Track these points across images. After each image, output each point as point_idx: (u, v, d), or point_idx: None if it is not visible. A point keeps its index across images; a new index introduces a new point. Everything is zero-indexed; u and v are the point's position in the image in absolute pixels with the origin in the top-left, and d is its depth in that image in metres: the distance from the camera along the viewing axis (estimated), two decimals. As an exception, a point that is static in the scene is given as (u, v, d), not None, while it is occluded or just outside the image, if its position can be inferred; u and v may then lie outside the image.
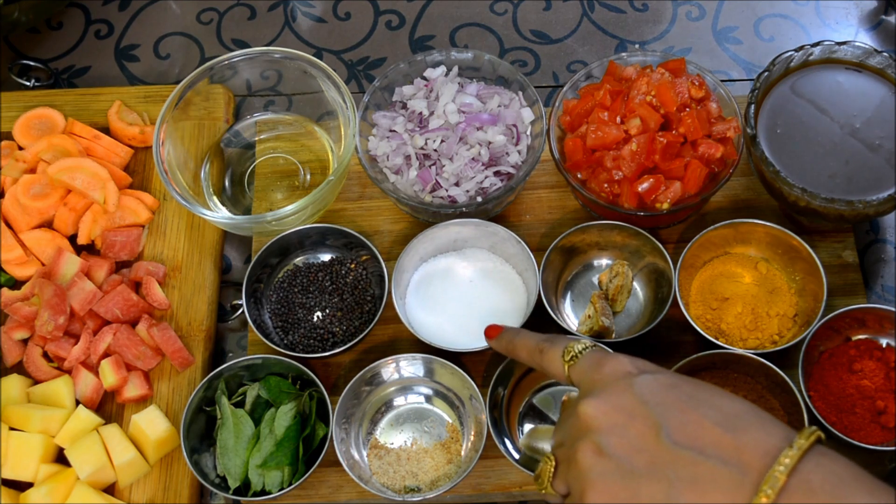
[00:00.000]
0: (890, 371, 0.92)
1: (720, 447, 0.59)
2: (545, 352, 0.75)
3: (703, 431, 0.60)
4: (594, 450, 0.63)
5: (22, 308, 1.00)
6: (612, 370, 0.67)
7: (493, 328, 0.85)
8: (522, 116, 1.03)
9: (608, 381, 0.67)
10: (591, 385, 0.68)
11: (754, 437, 0.59)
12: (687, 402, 0.63)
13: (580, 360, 0.71)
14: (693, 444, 0.60)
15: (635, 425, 0.63)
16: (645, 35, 1.21)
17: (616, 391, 0.65)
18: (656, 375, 0.66)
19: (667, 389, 0.64)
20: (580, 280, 1.03)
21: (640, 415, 0.63)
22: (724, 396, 0.64)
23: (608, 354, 0.69)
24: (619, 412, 0.64)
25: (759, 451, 0.59)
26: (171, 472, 0.96)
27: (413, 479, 0.93)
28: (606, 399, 0.65)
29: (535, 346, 0.77)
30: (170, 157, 1.03)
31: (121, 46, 1.24)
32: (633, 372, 0.66)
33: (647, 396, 0.64)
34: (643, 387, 0.64)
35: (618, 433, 0.63)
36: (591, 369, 0.69)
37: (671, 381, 0.65)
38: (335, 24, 1.24)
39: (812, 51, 0.99)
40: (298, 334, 0.99)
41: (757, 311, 0.97)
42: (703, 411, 0.62)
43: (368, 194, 1.10)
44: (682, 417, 0.62)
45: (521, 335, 0.81)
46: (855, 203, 0.90)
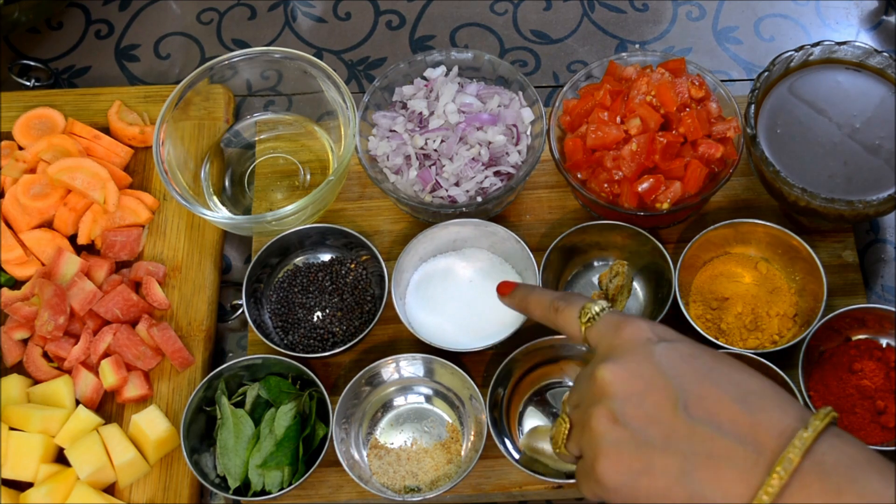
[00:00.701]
0: (890, 371, 0.92)
1: (736, 424, 0.59)
2: (560, 311, 0.74)
3: (720, 407, 0.60)
4: (609, 417, 0.62)
5: (22, 308, 1.00)
6: (632, 335, 0.66)
7: (506, 284, 0.83)
8: (522, 116, 1.03)
9: (627, 346, 0.65)
10: (610, 349, 0.66)
11: (771, 416, 0.59)
12: (706, 374, 0.62)
13: (598, 321, 0.69)
14: (710, 420, 0.59)
15: (652, 395, 0.62)
16: (645, 35, 1.21)
17: (635, 358, 0.64)
18: (677, 344, 0.64)
19: (687, 360, 0.63)
20: (580, 280, 1.03)
21: (659, 385, 0.62)
22: (742, 371, 0.62)
23: (628, 318, 0.68)
24: (637, 380, 0.63)
25: (774, 430, 0.58)
26: (171, 472, 0.96)
27: (413, 479, 0.93)
28: (625, 365, 0.64)
29: (549, 303, 0.75)
30: (170, 157, 1.03)
31: (121, 46, 1.24)
32: (652, 338, 0.65)
33: (666, 366, 0.62)
34: (663, 355, 0.63)
35: (634, 402, 0.62)
36: (610, 332, 0.67)
37: (691, 350, 0.64)
38: (335, 24, 1.24)
39: (812, 51, 0.99)
40: (298, 334, 0.99)
41: (757, 311, 0.97)
42: (721, 386, 0.61)
43: (368, 194, 1.10)
44: (701, 391, 0.61)
45: (535, 292, 0.79)
46: (855, 203, 0.90)
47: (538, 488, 0.94)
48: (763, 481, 0.56)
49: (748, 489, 0.57)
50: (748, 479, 0.57)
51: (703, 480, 0.58)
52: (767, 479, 0.56)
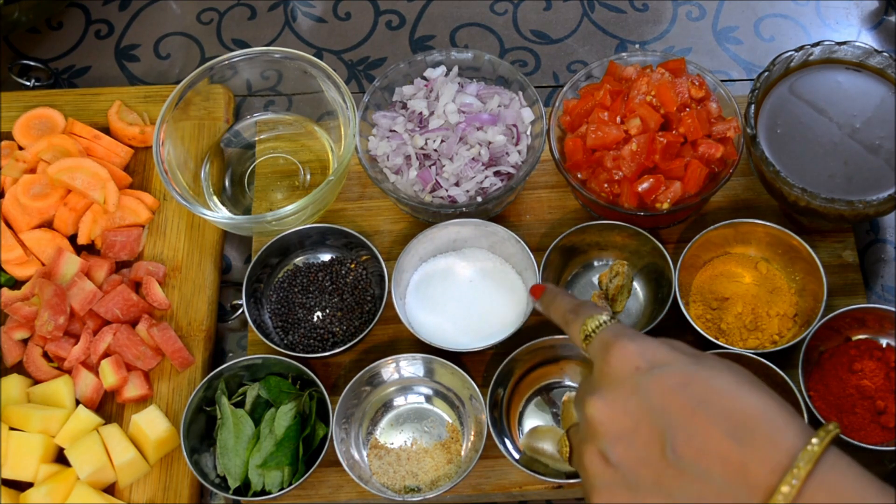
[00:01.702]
0: (890, 371, 0.92)
1: (726, 464, 0.57)
2: (570, 324, 0.72)
3: (709, 444, 0.58)
4: (600, 457, 0.62)
5: (22, 308, 1.00)
6: (621, 363, 0.64)
7: (538, 287, 0.81)
8: (522, 116, 1.03)
9: (615, 376, 0.64)
10: (600, 376, 0.65)
11: (762, 452, 0.57)
12: (696, 407, 0.59)
13: (593, 340, 0.68)
14: (699, 461, 0.58)
15: (641, 434, 0.60)
16: (645, 35, 1.21)
17: (622, 392, 0.62)
18: (667, 371, 0.62)
19: (676, 391, 0.61)
20: (580, 280, 1.03)
21: (646, 423, 0.60)
22: (738, 394, 0.60)
23: (618, 339, 0.65)
24: (625, 417, 0.61)
25: (765, 468, 0.56)
26: (171, 472, 0.96)
27: (413, 479, 0.93)
28: (613, 401, 0.62)
29: (563, 315, 0.74)
30: (170, 157, 1.03)
31: (121, 46, 1.24)
32: (641, 367, 0.63)
33: (653, 400, 0.61)
34: (650, 388, 0.61)
35: (624, 443, 0.61)
36: (600, 354, 0.66)
37: (682, 377, 0.61)
38: (335, 24, 1.24)
39: (812, 51, 0.99)
40: (298, 334, 0.99)
41: (757, 311, 0.97)
42: (712, 418, 0.59)
43: (368, 194, 1.10)
44: (689, 427, 0.59)
45: (556, 300, 0.77)
46: (855, 203, 0.90)
47: (538, 488, 0.94)
48: None
49: None
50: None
51: None
52: None
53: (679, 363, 0.63)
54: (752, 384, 0.61)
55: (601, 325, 0.68)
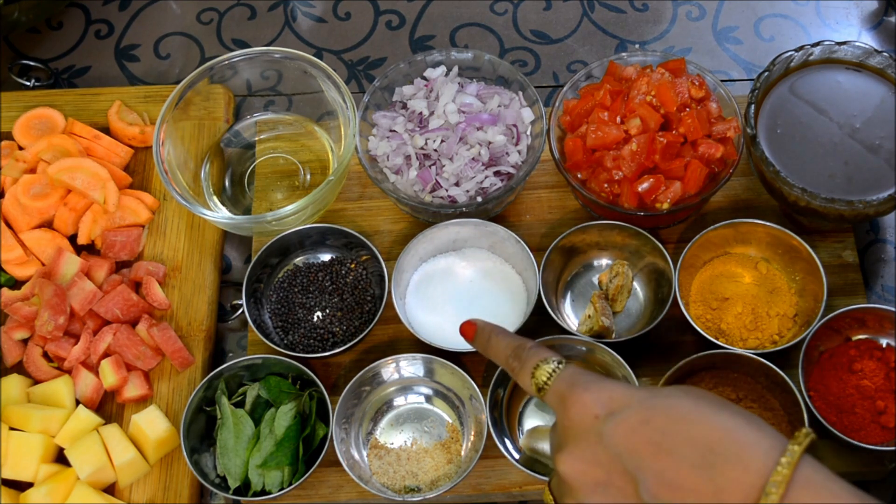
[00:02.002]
0: (890, 371, 0.92)
1: (699, 494, 0.57)
2: (515, 372, 0.71)
3: (679, 479, 0.57)
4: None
5: (22, 308, 1.00)
6: (578, 416, 0.63)
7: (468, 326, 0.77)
8: (522, 116, 1.03)
9: (577, 430, 0.63)
10: (563, 431, 0.65)
11: (732, 476, 0.56)
12: (661, 442, 0.59)
13: (547, 392, 0.67)
14: (673, 496, 0.57)
15: (614, 482, 0.60)
16: (645, 35, 1.21)
17: (587, 444, 0.62)
18: (624, 415, 0.61)
19: (637, 431, 0.60)
20: (580, 280, 1.03)
21: (617, 469, 0.60)
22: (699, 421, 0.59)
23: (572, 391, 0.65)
24: (596, 468, 0.61)
25: (738, 493, 0.56)
26: (171, 472, 0.96)
27: (413, 479, 0.93)
28: (580, 456, 0.62)
29: (505, 359, 0.72)
30: (170, 157, 1.03)
31: (121, 46, 1.24)
32: (599, 414, 0.62)
33: (618, 447, 0.60)
34: (612, 435, 0.61)
35: (600, 493, 0.61)
36: (558, 409, 0.66)
37: (640, 417, 0.61)
38: (335, 24, 1.24)
39: (812, 51, 0.99)
40: (298, 334, 0.99)
41: (757, 311, 0.97)
42: (677, 452, 0.58)
43: (368, 194, 1.10)
44: (657, 466, 0.58)
45: (492, 341, 0.74)
46: (855, 203, 0.90)
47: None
48: None
49: None
50: None
51: None
52: None
53: (635, 401, 0.62)
54: (713, 407, 0.60)
55: (551, 376, 0.67)
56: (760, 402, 0.92)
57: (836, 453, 0.92)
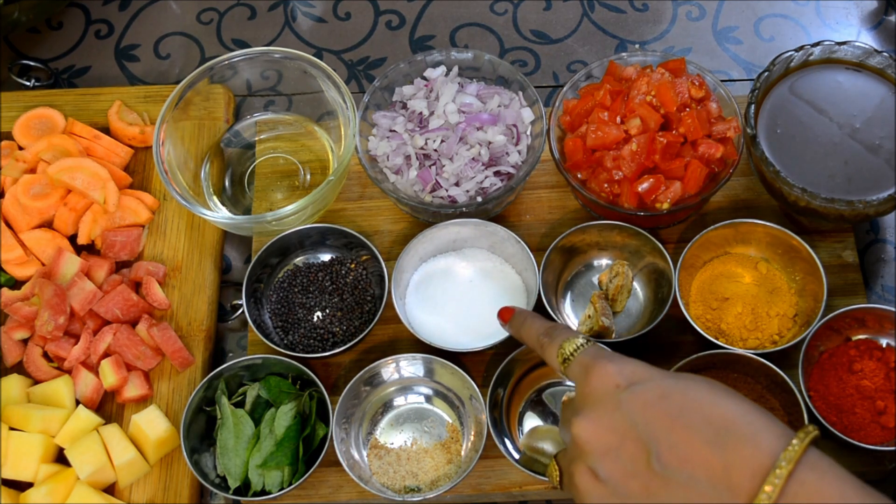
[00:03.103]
0: (890, 371, 0.92)
1: (709, 468, 0.59)
2: (545, 347, 0.75)
3: (692, 452, 0.60)
4: (589, 474, 0.64)
5: (22, 308, 1.00)
6: (601, 382, 0.66)
7: (506, 311, 0.84)
8: (522, 116, 1.03)
9: (596, 396, 0.66)
10: (583, 398, 0.67)
11: (743, 454, 0.58)
12: (677, 417, 0.61)
13: (572, 363, 0.70)
14: (683, 468, 0.60)
15: (627, 448, 0.62)
16: (645, 35, 1.21)
17: (605, 410, 0.64)
18: (646, 385, 0.64)
19: (656, 404, 0.63)
20: (580, 280, 1.03)
21: (631, 436, 0.62)
22: (715, 402, 0.62)
23: (597, 361, 0.68)
24: (611, 433, 0.63)
25: (747, 470, 0.58)
26: (171, 472, 0.96)
27: (413, 479, 0.93)
28: (597, 420, 0.64)
29: (536, 338, 0.77)
30: (170, 157, 1.03)
31: (121, 46, 1.24)
32: (621, 384, 0.65)
33: (635, 415, 0.63)
34: (631, 404, 0.63)
35: (611, 457, 0.63)
36: (581, 377, 0.68)
37: (661, 390, 0.63)
38: (335, 24, 1.24)
39: (812, 51, 0.99)
40: (298, 334, 0.99)
41: (757, 311, 0.97)
42: (692, 427, 0.60)
43: (368, 194, 1.10)
44: (671, 437, 0.61)
45: (527, 323, 0.80)
46: (855, 203, 0.90)
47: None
48: None
49: None
50: None
51: None
52: None
53: (656, 378, 0.65)
54: (728, 393, 0.63)
55: (578, 348, 0.70)
56: (760, 402, 0.92)
57: (836, 453, 0.91)
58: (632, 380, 0.65)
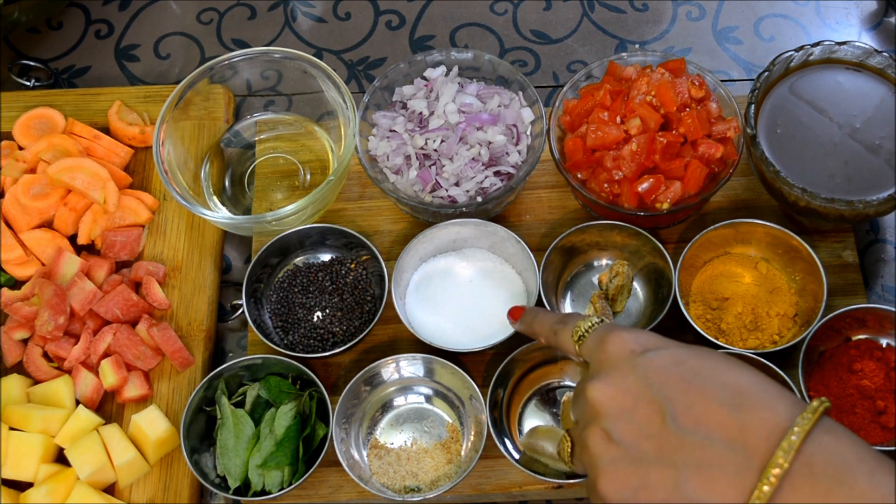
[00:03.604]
0: (890, 371, 0.92)
1: (725, 429, 0.59)
2: (558, 333, 0.75)
3: (708, 413, 0.60)
4: (603, 436, 0.63)
5: (22, 308, 1.00)
6: (617, 348, 0.66)
7: (516, 310, 0.85)
8: (522, 116, 1.03)
9: (613, 360, 0.66)
10: (598, 365, 0.67)
11: (759, 416, 0.59)
12: (692, 380, 0.62)
13: (587, 338, 0.70)
14: (698, 428, 0.60)
15: (641, 409, 0.62)
16: (645, 35, 1.21)
17: (620, 372, 0.65)
18: (662, 352, 0.64)
19: (672, 368, 0.63)
20: (580, 280, 1.03)
21: (645, 398, 0.62)
22: (731, 369, 0.62)
23: (612, 331, 0.68)
24: (625, 395, 0.63)
25: (763, 431, 0.58)
26: (171, 472, 0.96)
27: (413, 479, 0.93)
28: (611, 382, 0.64)
29: (550, 327, 0.77)
30: (170, 157, 1.03)
31: (121, 46, 1.24)
32: (636, 350, 0.65)
33: (651, 377, 0.63)
34: (647, 367, 0.64)
35: (625, 419, 0.63)
36: (596, 347, 0.68)
37: (676, 356, 0.64)
38: (335, 24, 1.24)
39: (812, 51, 0.99)
40: (298, 334, 0.99)
41: (757, 311, 0.97)
42: (708, 390, 0.61)
43: (368, 194, 1.10)
44: (687, 398, 0.61)
45: (538, 317, 0.80)
46: (855, 203, 0.90)
47: (538, 488, 0.94)
48: (755, 485, 0.57)
49: (741, 494, 0.57)
50: (740, 483, 0.57)
51: (697, 489, 0.59)
52: (758, 485, 0.56)
53: (671, 346, 0.66)
54: (742, 364, 0.64)
55: (593, 325, 0.71)
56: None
57: (836, 453, 0.92)
58: (647, 346, 0.66)
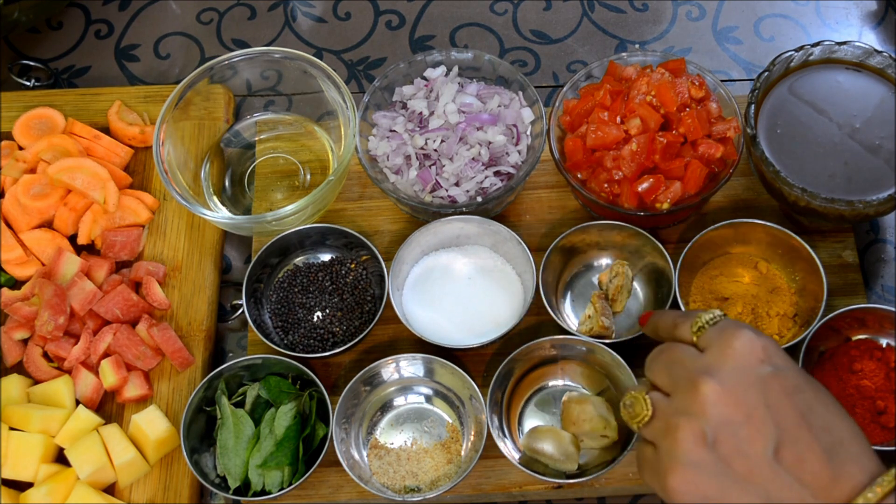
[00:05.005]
0: (890, 371, 0.92)
1: (817, 478, 0.60)
2: (679, 326, 0.73)
3: (809, 454, 0.61)
4: (699, 436, 0.63)
5: (22, 308, 1.00)
6: (745, 350, 0.66)
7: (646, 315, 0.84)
8: (522, 116, 1.03)
9: (738, 365, 0.65)
10: (721, 359, 0.66)
11: (848, 471, 0.61)
12: (805, 415, 0.63)
13: (708, 329, 0.69)
14: (794, 468, 0.61)
15: (749, 428, 0.62)
16: (645, 35, 1.21)
17: (743, 383, 0.64)
18: (785, 373, 0.65)
19: (791, 394, 0.64)
20: (580, 280, 1.03)
21: (758, 419, 0.63)
22: (837, 414, 0.64)
23: (741, 328, 0.67)
24: (739, 408, 0.63)
25: (847, 487, 0.60)
26: (171, 472, 0.96)
27: (413, 479, 0.93)
28: (731, 388, 0.64)
29: (672, 321, 0.75)
30: (170, 157, 1.03)
31: (121, 46, 1.24)
32: (764, 361, 0.65)
33: (771, 400, 0.63)
34: (771, 388, 0.64)
35: (729, 431, 0.63)
36: (721, 339, 0.67)
37: (796, 382, 0.64)
38: (335, 24, 1.24)
39: (812, 51, 0.99)
40: (298, 334, 0.99)
41: (757, 311, 0.97)
42: (815, 431, 0.62)
43: (368, 194, 1.10)
44: (796, 434, 0.62)
45: (662, 316, 0.79)
46: (855, 203, 0.90)
47: (538, 488, 0.94)
48: None
49: None
50: None
51: None
52: None
53: (795, 368, 0.66)
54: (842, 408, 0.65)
55: (716, 318, 0.70)
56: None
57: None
58: (774, 361, 0.66)
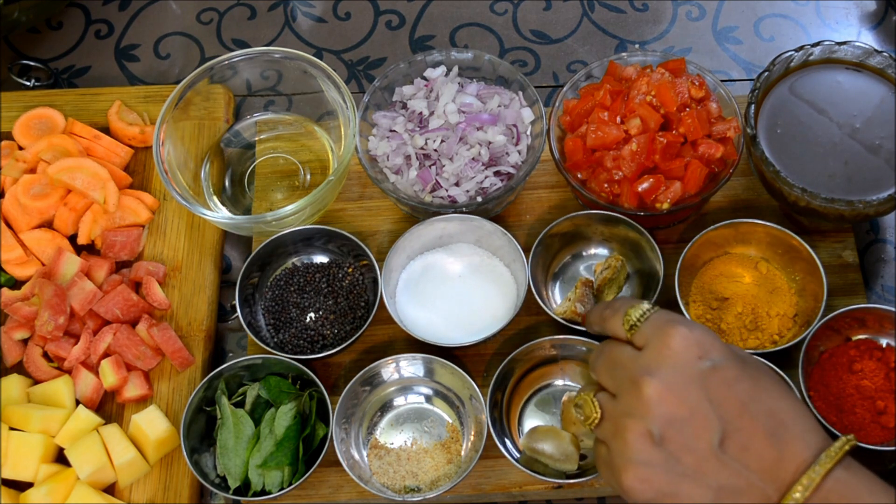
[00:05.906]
0: (890, 371, 0.92)
1: (763, 459, 0.62)
2: (607, 319, 0.74)
3: (753, 441, 0.63)
4: (646, 435, 0.64)
5: (22, 308, 1.00)
6: (681, 347, 0.66)
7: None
8: (522, 116, 1.03)
9: (676, 362, 0.66)
10: (658, 358, 0.67)
11: (793, 449, 0.63)
12: (746, 404, 0.64)
13: (642, 326, 0.70)
14: (741, 456, 0.63)
15: (694, 424, 0.64)
16: (645, 35, 1.21)
17: (683, 380, 0.65)
18: (724, 365, 0.66)
19: (730, 386, 0.65)
20: (570, 269, 1.03)
21: (701, 413, 0.64)
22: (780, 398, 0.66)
23: (673, 324, 0.68)
24: (682, 405, 0.64)
25: (793, 465, 0.62)
26: (171, 472, 0.96)
27: (413, 479, 0.93)
28: (672, 387, 0.65)
29: (599, 315, 0.76)
30: (170, 157, 1.03)
31: (121, 46, 1.24)
32: (702, 357, 0.66)
33: (712, 393, 0.65)
34: (710, 382, 0.65)
35: (675, 428, 0.64)
36: (656, 337, 0.68)
37: (735, 372, 0.66)
38: (335, 24, 1.24)
39: (812, 51, 0.99)
40: (289, 333, 0.99)
41: (757, 311, 0.97)
42: (758, 417, 0.64)
43: (368, 194, 1.10)
44: (739, 423, 0.64)
45: (593, 311, 0.79)
46: (855, 203, 0.90)
47: (538, 488, 0.94)
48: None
49: None
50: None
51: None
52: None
53: (732, 358, 0.67)
54: (784, 388, 0.67)
55: (645, 313, 0.70)
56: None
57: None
58: (711, 355, 0.66)
